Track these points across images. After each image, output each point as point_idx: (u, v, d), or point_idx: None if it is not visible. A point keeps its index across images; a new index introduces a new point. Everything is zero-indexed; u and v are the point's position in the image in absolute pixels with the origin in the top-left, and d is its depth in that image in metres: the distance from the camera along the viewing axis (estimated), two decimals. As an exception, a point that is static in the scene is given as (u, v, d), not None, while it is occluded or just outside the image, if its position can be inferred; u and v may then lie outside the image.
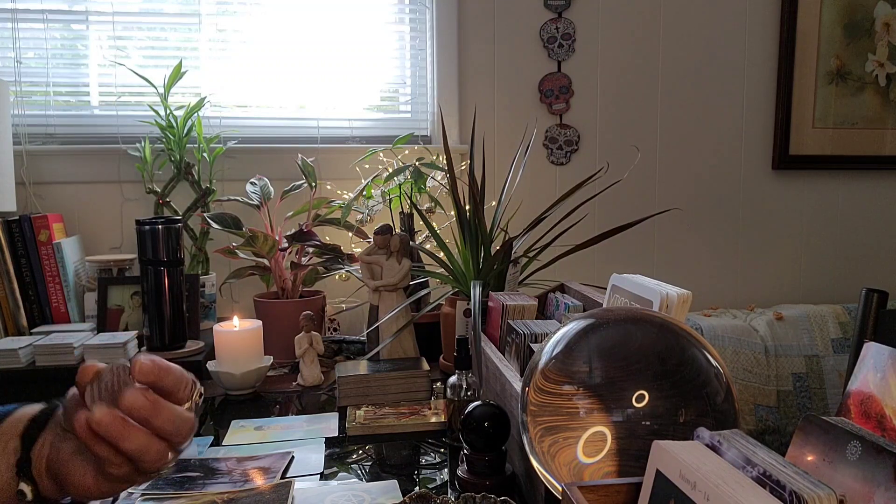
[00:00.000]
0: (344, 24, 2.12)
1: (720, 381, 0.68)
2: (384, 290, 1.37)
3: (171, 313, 1.59)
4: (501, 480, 0.85)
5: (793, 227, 2.41)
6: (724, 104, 2.32)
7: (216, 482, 0.94)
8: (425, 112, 2.19)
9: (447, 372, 1.42)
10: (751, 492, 0.49)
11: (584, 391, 0.67)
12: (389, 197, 1.84)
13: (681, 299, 0.88)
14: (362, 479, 0.97)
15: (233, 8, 2.06)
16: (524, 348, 1.05)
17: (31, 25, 1.96)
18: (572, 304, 1.27)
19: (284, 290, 1.72)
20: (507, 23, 2.18)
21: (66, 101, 2.02)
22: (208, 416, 1.27)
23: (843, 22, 2.33)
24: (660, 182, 2.32)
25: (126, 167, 1.99)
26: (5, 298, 1.73)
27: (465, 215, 1.46)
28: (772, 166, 2.37)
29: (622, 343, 0.70)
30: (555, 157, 2.25)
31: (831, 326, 2.13)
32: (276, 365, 1.52)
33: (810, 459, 0.58)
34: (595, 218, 2.16)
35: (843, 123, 2.38)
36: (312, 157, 1.99)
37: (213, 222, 1.74)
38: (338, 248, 1.70)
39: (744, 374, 2.02)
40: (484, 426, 0.84)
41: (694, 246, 2.36)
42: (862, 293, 1.28)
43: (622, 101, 2.26)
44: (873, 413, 0.62)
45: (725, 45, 2.30)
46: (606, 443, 0.65)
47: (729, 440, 0.56)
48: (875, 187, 2.44)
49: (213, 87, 2.05)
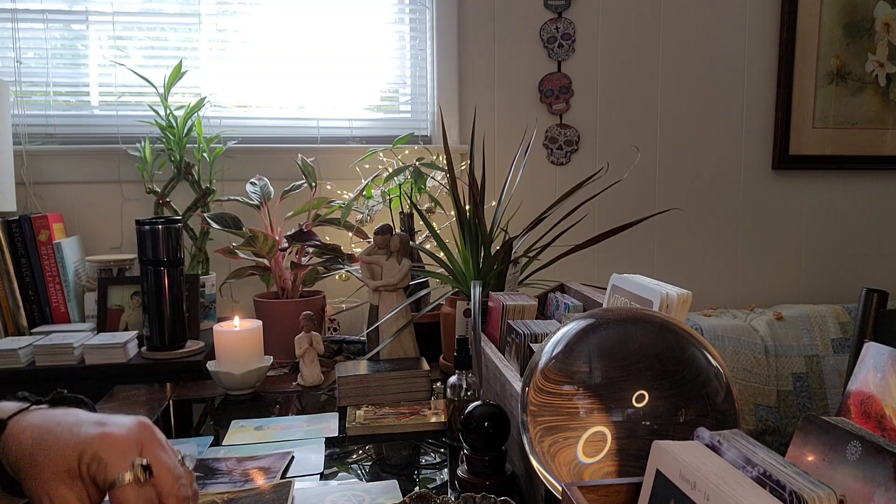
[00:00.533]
0: (344, 24, 2.12)
1: (720, 381, 0.68)
2: (384, 290, 1.37)
3: (171, 313, 1.59)
4: (501, 480, 0.85)
5: (793, 227, 2.41)
6: (724, 104, 2.32)
7: (216, 482, 0.94)
8: (425, 112, 2.19)
9: (447, 372, 1.42)
10: (751, 492, 0.49)
11: (584, 391, 0.67)
12: (389, 197, 1.84)
13: (681, 299, 0.88)
14: (362, 479, 0.97)
15: (233, 8, 2.06)
16: (524, 348, 1.05)
17: (31, 25, 1.96)
18: (572, 304, 1.27)
19: (284, 290, 1.72)
20: (507, 23, 2.18)
21: (66, 101, 2.02)
22: (208, 417, 1.27)
23: (843, 22, 2.33)
24: (660, 182, 2.32)
25: (126, 167, 1.99)
26: (5, 298, 1.73)
27: (465, 215, 1.46)
28: (772, 166, 2.37)
29: (622, 343, 0.70)
30: (555, 157, 2.25)
31: (831, 326, 2.13)
32: (276, 365, 1.52)
33: (810, 459, 0.58)
34: (595, 218, 2.16)
35: (843, 123, 2.38)
36: (312, 157, 1.99)
37: (213, 222, 1.74)
38: (338, 248, 1.70)
39: (744, 374, 2.02)
40: (484, 426, 0.84)
41: (694, 246, 2.36)
42: (862, 293, 1.28)
43: (622, 101, 2.26)
44: (873, 413, 0.62)
45: (725, 45, 2.30)
46: (606, 443, 0.65)
47: (729, 440, 0.56)
48: (875, 187, 2.44)
49: (213, 87, 2.05)
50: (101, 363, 1.54)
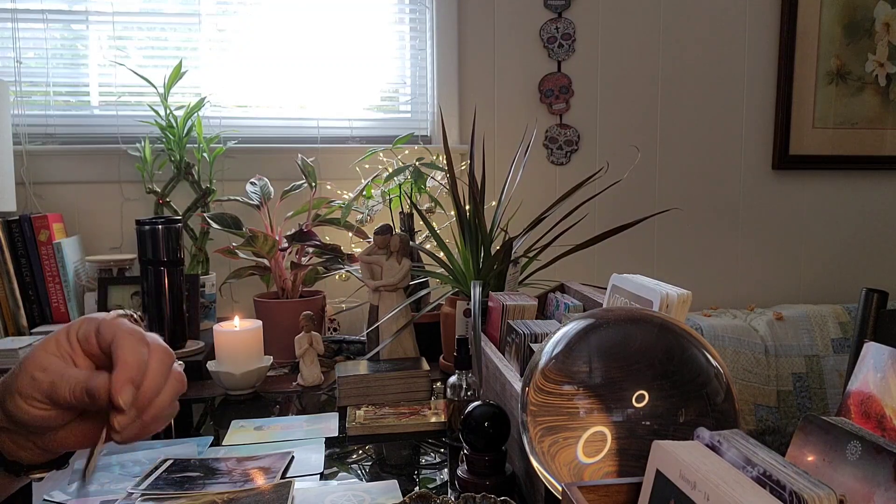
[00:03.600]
0: (344, 24, 2.11)
1: (720, 381, 0.68)
2: (384, 290, 1.37)
3: (171, 313, 1.59)
4: (501, 480, 0.85)
5: (793, 227, 2.41)
6: (723, 104, 2.32)
7: (216, 482, 0.94)
8: (425, 112, 2.19)
9: (447, 372, 1.42)
10: (751, 492, 0.49)
11: (584, 391, 0.67)
12: (389, 197, 1.84)
13: (681, 299, 0.88)
14: (362, 479, 0.97)
15: (233, 8, 2.06)
16: (524, 348, 1.05)
17: (31, 25, 1.96)
18: (572, 304, 1.27)
19: (284, 290, 1.71)
20: (507, 23, 2.18)
21: (66, 101, 2.02)
22: (208, 417, 1.27)
23: (843, 22, 2.33)
24: (660, 182, 2.32)
25: (126, 167, 1.99)
26: (5, 298, 1.73)
27: (465, 215, 1.46)
28: (772, 166, 2.37)
29: (622, 343, 0.70)
30: (555, 157, 2.25)
31: (831, 326, 2.13)
32: (276, 365, 1.52)
33: (810, 459, 0.58)
34: (595, 218, 2.16)
35: (843, 123, 2.38)
36: (312, 157, 1.99)
37: (213, 222, 1.74)
38: (338, 248, 1.70)
39: (744, 374, 2.02)
40: (484, 426, 0.84)
41: (694, 246, 2.36)
42: (862, 293, 1.28)
43: (622, 101, 2.26)
44: (873, 413, 0.62)
45: (725, 45, 2.30)
46: (606, 443, 0.65)
47: (729, 440, 0.56)
48: (875, 187, 2.44)
49: (213, 87, 2.05)
50: (101, 363, 1.54)
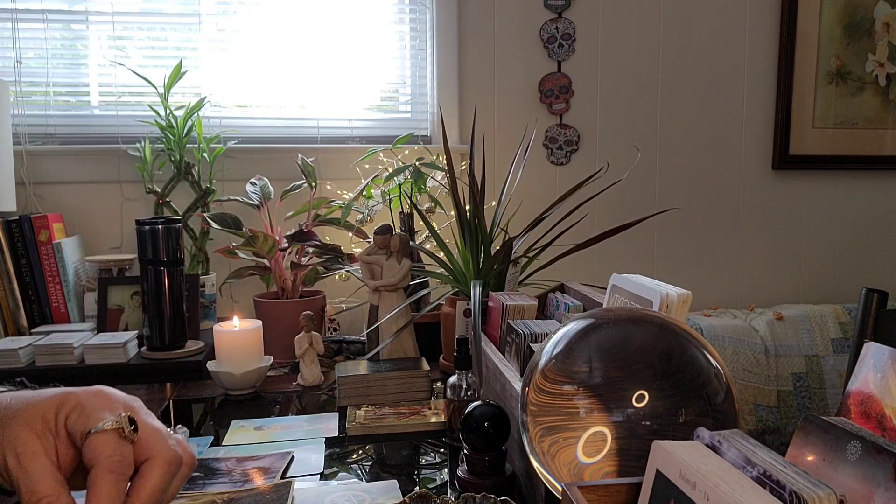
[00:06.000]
0: (344, 25, 2.12)
1: (720, 381, 0.68)
2: (384, 290, 1.37)
3: (171, 313, 1.59)
4: (501, 480, 0.84)
5: (793, 228, 2.41)
6: (724, 104, 2.32)
7: (216, 482, 0.94)
8: (425, 112, 2.19)
9: (447, 372, 1.42)
10: (751, 492, 0.49)
11: (584, 391, 0.67)
12: (389, 197, 1.84)
13: (681, 299, 0.88)
14: (362, 479, 0.97)
15: (233, 8, 2.06)
16: (524, 348, 1.05)
17: (31, 25, 1.96)
18: (572, 304, 1.27)
19: (284, 290, 1.72)
20: (507, 23, 2.18)
21: (66, 101, 2.02)
22: (208, 417, 1.27)
23: (843, 22, 2.33)
24: (660, 182, 2.32)
25: (126, 167, 1.99)
26: (5, 298, 1.73)
27: (465, 215, 1.46)
28: (772, 166, 2.37)
29: (622, 343, 0.70)
30: (555, 157, 2.25)
31: (831, 326, 2.13)
32: (276, 365, 1.52)
33: (810, 459, 0.58)
34: (595, 218, 2.16)
35: (843, 123, 2.38)
36: (312, 157, 1.99)
37: (213, 222, 1.74)
38: (338, 248, 1.70)
39: (744, 374, 2.02)
40: (484, 426, 0.84)
41: (694, 246, 2.36)
42: (862, 293, 1.28)
43: (622, 101, 2.26)
44: (873, 413, 0.62)
45: (725, 45, 2.30)
46: (606, 443, 0.65)
47: (729, 440, 0.56)
48: (875, 187, 2.44)
49: (213, 87, 2.05)
50: (101, 363, 1.54)
